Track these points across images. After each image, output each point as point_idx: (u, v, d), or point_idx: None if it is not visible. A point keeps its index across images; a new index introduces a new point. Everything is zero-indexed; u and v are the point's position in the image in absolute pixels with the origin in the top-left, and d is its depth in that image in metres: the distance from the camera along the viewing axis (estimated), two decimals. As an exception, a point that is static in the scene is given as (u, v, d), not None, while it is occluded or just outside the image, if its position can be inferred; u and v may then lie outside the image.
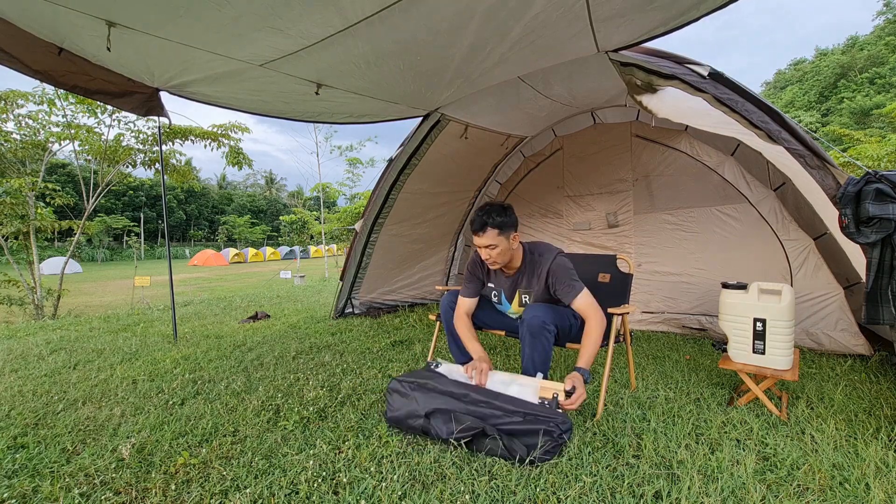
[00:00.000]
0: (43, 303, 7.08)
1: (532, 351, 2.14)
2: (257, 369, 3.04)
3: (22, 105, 6.86)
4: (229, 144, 8.20)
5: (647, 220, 4.18)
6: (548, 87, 3.37)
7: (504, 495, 1.51)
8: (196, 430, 2.03)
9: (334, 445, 1.88)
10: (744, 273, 3.56)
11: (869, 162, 7.53)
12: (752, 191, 3.61)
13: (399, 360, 3.20)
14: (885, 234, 1.81)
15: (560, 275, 2.21)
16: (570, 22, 2.24)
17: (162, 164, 3.78)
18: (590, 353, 2.05)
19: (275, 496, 1.52)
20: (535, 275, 2.30)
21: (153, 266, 26.59)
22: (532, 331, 2.13)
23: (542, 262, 2.28)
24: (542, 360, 2.14)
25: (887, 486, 1.53)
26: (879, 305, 1.88)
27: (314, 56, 2.52)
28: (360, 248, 4.54)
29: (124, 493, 1.56)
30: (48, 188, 7.29)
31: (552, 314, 2.17)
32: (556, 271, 2.23)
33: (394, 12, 2.09)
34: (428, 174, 4.33)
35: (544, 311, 2.16)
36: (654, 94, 2.57)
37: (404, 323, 4.56)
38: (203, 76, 2.78)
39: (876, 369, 2.75)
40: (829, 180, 2.02)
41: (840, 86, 40.48)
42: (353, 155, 16.99)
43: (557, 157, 4.74)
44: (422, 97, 3.35)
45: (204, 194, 55.64)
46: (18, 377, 2.97)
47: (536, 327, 2.12)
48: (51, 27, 2.27)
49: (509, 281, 2.41)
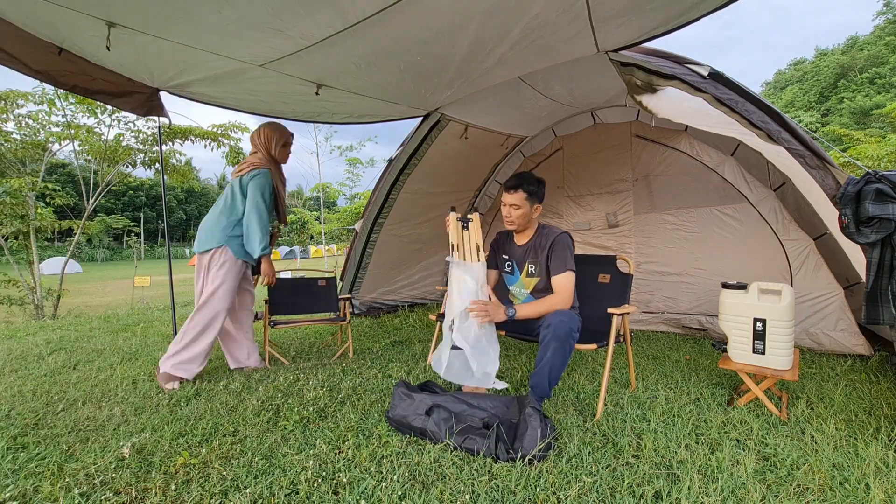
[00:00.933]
0: (43, 303, 7.08)
1: (553, 356, 2.08)
2: (257, 369, 3.04)
3: (22, 105, 6.85)
4: (229, 144, 8.20)
5: (647, 220, 4.18)
6: (548, 87, 3.37)
7: (504, 495, 1.51)
8: (196, 430, 2.03)
9: (334, 445, 1.88)
10: (744, 273, 3.56)
11: (869, 162, 7.53)
12: (752, 191, 3.61)
13: (399, 360, 3.20)
14: (885, 234, 1.81)
15: (558, 249, 2.38)
16: (570, 22, 2.24)
17: (162, 164, 3.78)
18: (531, 310, 2.29)
19: (275, 496, 1.52)
20: (542, 246, 2.45)
21: (153, 266, 26.61)
22: (559, 336, 2.07)
23: (550, 235, 2.46)
24: (560, 364, 2.11)
25: (887, 486, 1.53)
26: (879, 305, 1.88)
27: (314, 56, 2.52)
28: (360, 248, 4.54)
29: (124, 493, 1.56)
30: (48, 188, 7.28)
31: (577, 321, 2.19)
32: (557, 245, 2.40)
33: (394, 12, 2.09)
34: (428, 174, 4.33)
35: (570, 318, 2.13)
36: (654, 94, 2.57)
37: (404, 323, 4.56)
38: (203, 76, 2.78)
39: (876, 369, 2.75)
40: (829, 180, 2.02)
41: (840, 86, 40.48)
42: (353, 155, 16.95)
43: (557, 157, 4.74)
44: (422, 97, 3.35)
45: (204, 194, 55.56)
46: (18, 377, 2.97)
47: (563, 334, 2.07)
48: (51, 27, 2.27)
49: (521, 250, 2.56)
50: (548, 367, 2.10)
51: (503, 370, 2.91)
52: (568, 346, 2.10)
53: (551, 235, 2.45)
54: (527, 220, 2.49)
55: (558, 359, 2.09)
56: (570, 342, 2.10)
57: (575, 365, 3.02)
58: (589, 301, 2.63)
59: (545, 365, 2.10)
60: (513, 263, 2.59)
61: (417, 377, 2.79)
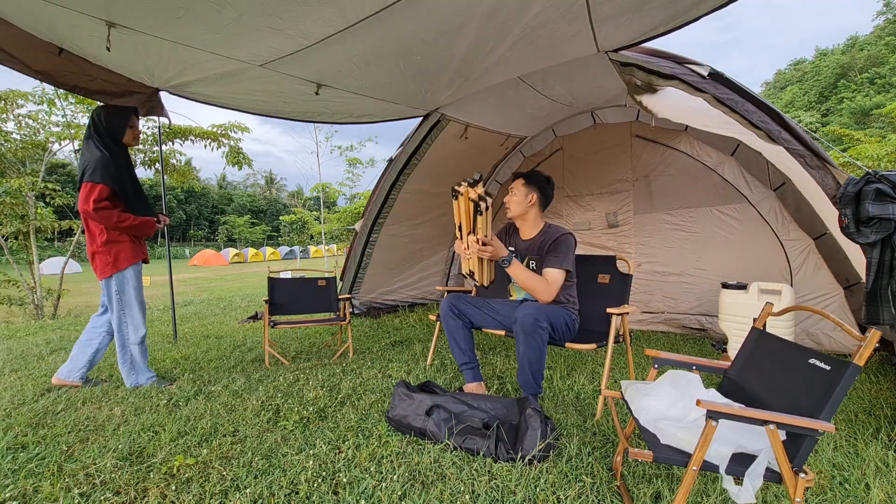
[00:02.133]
0: (43, 303, 7.07)
1: (526, 349, 2.16)
2: (257, 369, 3.04)
3: (22, 105, 6.85)
4: (229, 144, 8.19)
5: (647, 220, 4.18)
6: (548, 87, 3.37)
7: (504, 495, 1.51)
8: (196, 431, 2.03)
9: (334, 445, 1.88)
10: (744, 273, 3.56)
11: (869, 162, 7.53)
12: (752, 191, 3.61)
13: (399, 360, 3.20)
14: (885, 234, 1.81)
15: (559, 247, 2.41)
16: (570, 22, 2.24)
17: (162, 164, 3.78)
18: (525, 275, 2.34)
19: (275, 496, 1.52)
20: (545, 243, 2.49)
21: (153, 266, 26.54)
22: (525, 329, 2.14)
23: (555, 233, 2.50)
24: (537, 357, 2.15)
25: (887, 486, 1.53)
26: (879, 305, 1.89)
27: (314, 56, 2.52)
28: (360, 248, 4.54)
29: (124, 493, 1.56)
30: (48, 188, 7.27)
31: (544, 311, 2.21)
32: (558, 243, 2.43)
33: (394, 12, 2.09)
34: (428, 174, 4.33)
35: (536, 309, 2.18)
36: (654, 94, 2.57)
37: (404, 323, 4.56)
38: (203, 76, 2.78)
39: (876, 369, 2.75)
40: (828, 180, 2.02)
41: (840, 86, 40.46)
42: (353, 155, 16.96)
43: (557, 157, 4.74)
44: (422, 97, 3.35)
45: (204, 194, 55.57)
46: (18, 377, 2.97)
47: (529, 325, 2.14)
48: (51, 27, 2.27)
49: (525, 244, 2.61)
50: (525, 361, 2.16)
51: (503, 370, 2.91)
52: (538, 336, 2.13)
53: (556, 234, 2.48)
54: (522, 210, 2.55)
55: (532, 352, 2.14)
56: (539, 332, 2.14)
57: (575, 365, 3.02)
58: (589, 301, 2.63)
59: (522, 359, 2.18)
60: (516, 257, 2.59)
61: (417, 377, 2.79)
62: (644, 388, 1.51)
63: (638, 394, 1.50)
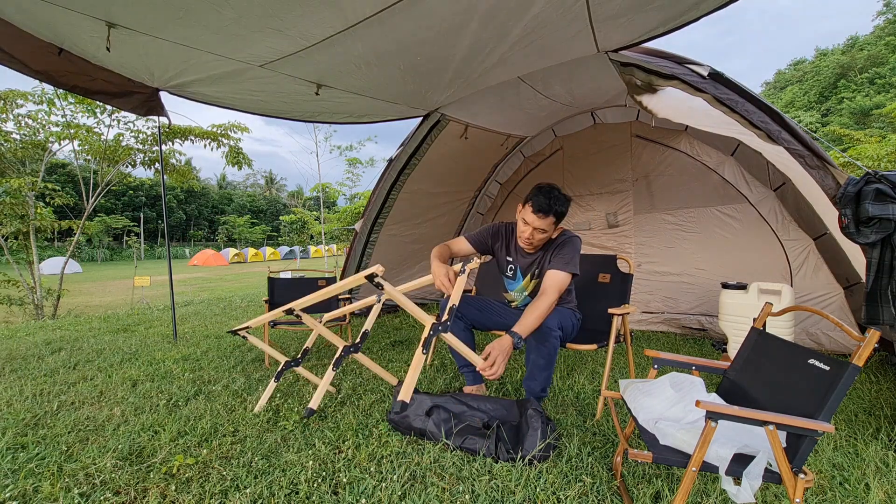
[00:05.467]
0: (43, 303, 7.08)
1: (538, 356, 2.11)
2: (257, 369, 3.04)
3: (22, 105, 6.85)
4: (229, 144, 8.19)
5: (647, 220, 4.18)
6: (548, 87, 3.37)
7: (504, 495, 1.51)
8: (196, 431, 2.03)
9: (334, 445, 1.88)
10: (744, 273, 3.56)
11: (869, 162, 7.53)
12: (752, 191, 3.61)
13: (399, 360, 3.20)
14: (885, 234, 1.81)
15: (565, 249, 2.22)
16: (570, 22, 2.24)
17: (162, 164, 3.78)
18: (530, 322, 1.97)
19: (275, 496, 1.52)
20: (550, 250, 2.29)
21: (153, 266, 26.59)
22: (538, 336, 2.09)
23: (559, 239, 2.29)
24: (547, 363, 2.12)
25: (887, 486, 1.53)
26: (879, 305, 1.89)
27: (314, 56, 2.52)
28: (360, 248, 4.54)
29: (124, 493, 1.56)
30: (48, 188, 7.27)
31: (557, 317, 2.17)
32: (564, 246, 2.24)
33: (394, 12, 2.09)
34: (428, 174, 4.33)
35: (551, 315, 2.13)
36: (654, 94, 2.57)
37: (404, 323, 4.56)
38: (203, 76, 2.78)
39: (876, 369, 2.75)
40: (828, 180, 2.02)
41: (840, 86, 40.44)
42: (352, 155, 16.98)
43: (557, 157, 4.74)
44: (422, 97, 3.35)
45: (204, 194, 55.56)
46: (18, 377, 2.97)
47: (544, 331, 2.07)
48: (51, 28, 2.27)
49: (529, 259, 2.38)
50: (535, 368, 2.12)
51: (503, 371, 2.91)
52: (549, 344, 2.08)
53: (561, 238, 2.31)
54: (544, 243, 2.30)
55: (541, 359, 2.10)
56: (551, 340, 2.07)
57: (575, 365, 3.02)
58: (589, 301, 2.63)
59: (532, 367, 2.13)
60: (515, 268, 2.47)
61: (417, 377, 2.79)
62: (643, 388, 1.51)
63: (637, 393, 1.50)
